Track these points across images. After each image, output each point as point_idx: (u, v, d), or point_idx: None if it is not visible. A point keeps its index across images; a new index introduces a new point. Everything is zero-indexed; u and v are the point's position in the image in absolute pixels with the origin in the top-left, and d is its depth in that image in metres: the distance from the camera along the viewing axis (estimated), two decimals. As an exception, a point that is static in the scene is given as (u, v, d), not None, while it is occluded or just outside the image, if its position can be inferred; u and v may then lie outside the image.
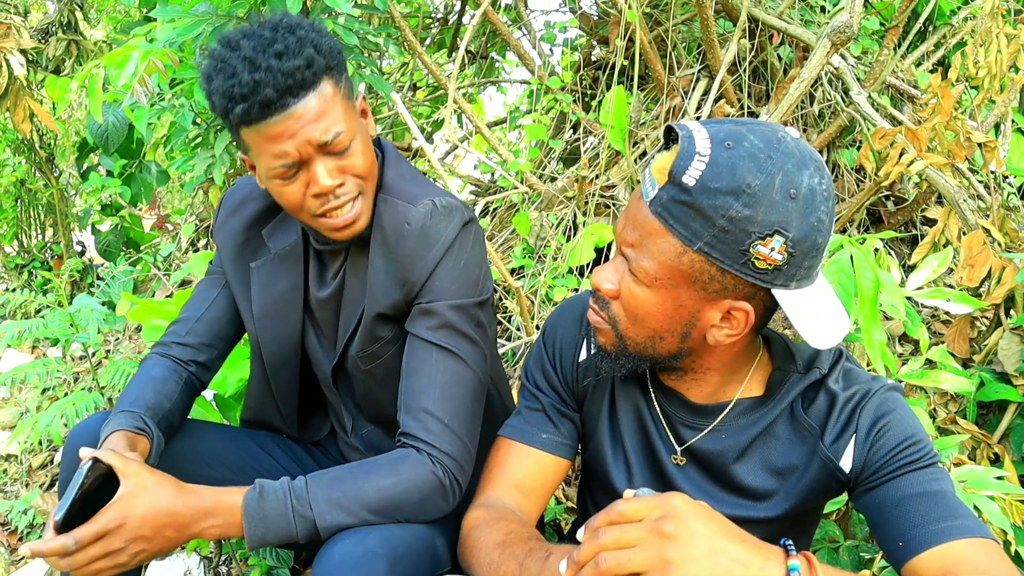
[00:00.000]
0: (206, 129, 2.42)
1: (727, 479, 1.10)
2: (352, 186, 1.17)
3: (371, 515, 1.11)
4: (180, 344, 1.38)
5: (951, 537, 0.92)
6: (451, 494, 1.18)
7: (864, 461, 1.02)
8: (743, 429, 1.08)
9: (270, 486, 1.10)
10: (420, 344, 1.21)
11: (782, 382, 1.07)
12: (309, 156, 1.13)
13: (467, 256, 1.22)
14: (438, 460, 1.16)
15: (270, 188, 1.19)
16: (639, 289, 0.97)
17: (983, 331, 2.08)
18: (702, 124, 0.93)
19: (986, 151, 1.95)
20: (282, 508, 1.08)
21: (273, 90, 1.07)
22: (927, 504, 0.96)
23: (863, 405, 1.03)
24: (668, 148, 0.95)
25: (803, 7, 2.64)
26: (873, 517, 1.01)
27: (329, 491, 1.10)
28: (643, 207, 0.93)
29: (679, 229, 0.90)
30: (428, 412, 1.17)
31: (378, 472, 1.14)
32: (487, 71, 3.50)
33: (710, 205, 0.88)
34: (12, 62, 2.81)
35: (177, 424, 1.34)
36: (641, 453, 1.15)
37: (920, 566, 0.92)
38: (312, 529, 1.09)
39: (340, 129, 1.13)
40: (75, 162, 3.72)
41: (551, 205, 2.53)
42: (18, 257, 4.15)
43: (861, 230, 2.56)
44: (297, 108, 1.09)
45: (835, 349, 1.09)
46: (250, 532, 1.07)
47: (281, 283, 1.36)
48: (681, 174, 0.88)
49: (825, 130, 2.50)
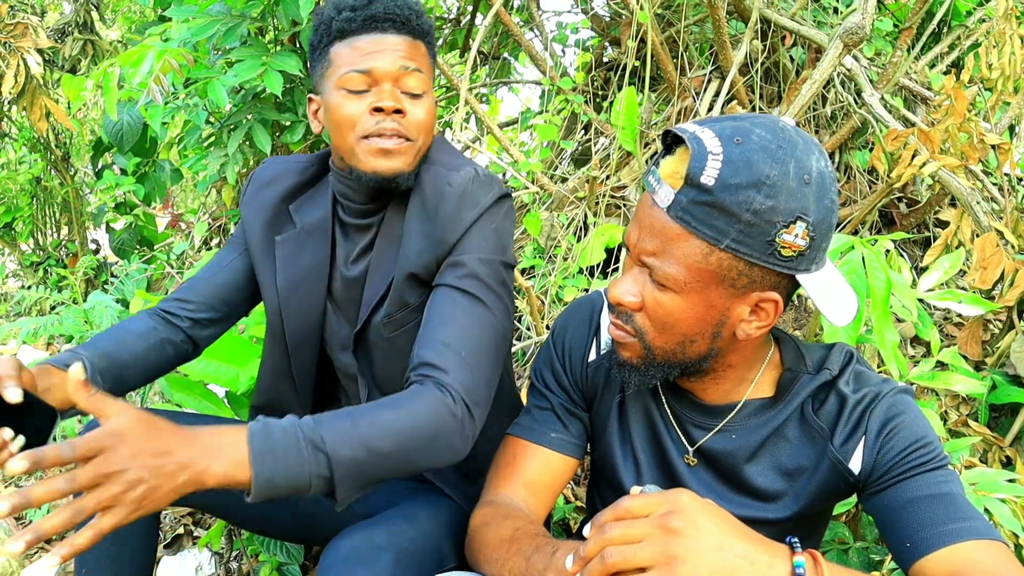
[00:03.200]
0: (219, 128, 2.44)
1: (737, 480, 1.09)
2: (408, 125, 1.21)
3: (383, 451, 1.00)
4: (178, 300, 1.38)
5: (960, 539, 0.91)
6: (465, 430, 1.08)
7: (873, 463, 1.01)
8: (753, 430, 1.08)
9: (275, 421, 0.97)
10: (445, 291, 1.19)
11: (792, 383, 1.07)
12: (384, 78, 1.19)
13: (499, 222, 1.24)
14: (451, 390, 1.07)
15: (331, 103, 1.22)
16: (666, 296, 0.96)
17: (996, 334, 2.07)
18: (701, 124, 0.93)
19: (1000, 153, 1.94)
20: (291, 439, 0.94)
21: (383, 10, 1.18)
22: (936, 506, 0.95)
23: (873, 407, 1.03)
24: (670, 153, 0.95)
25: (816, 8, 2.63)
26: (882, 519, 1.01)
27: (339, 423, 1.00)
28: (659, 214, 0.93)
29: (703, 230, 0.90)
30: (445, 343, 1.11)
31: (388, 406, 1.05)
32: (499, 72, 3.51)
33: (733, 201, 0.88)
34: (29, 61, 2.84)
35: (130, 380, 1.30)
36: (651, 453, 1.15)
37: (928, 567, 0.92)
38: (326, 467, 0.95)
39: (422, 76, 1.21)
40: (90, 160, 3.75)
41: (562, 205, 2.53)
42: (34, 255, 4.18)
43: (873, 232, 2.55)
44: (393, 38, 1.19)
45: (846, 351, 1.09)
46: (257, 469, 0.91)
47: (306, 258, 1.35)
48: (699, 175, 0.88)
49: (837, 132, 2.49)
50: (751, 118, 0.93)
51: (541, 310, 2.28)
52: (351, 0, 1.19)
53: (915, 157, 1.90)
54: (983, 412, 1.85)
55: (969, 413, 1.88)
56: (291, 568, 1.82)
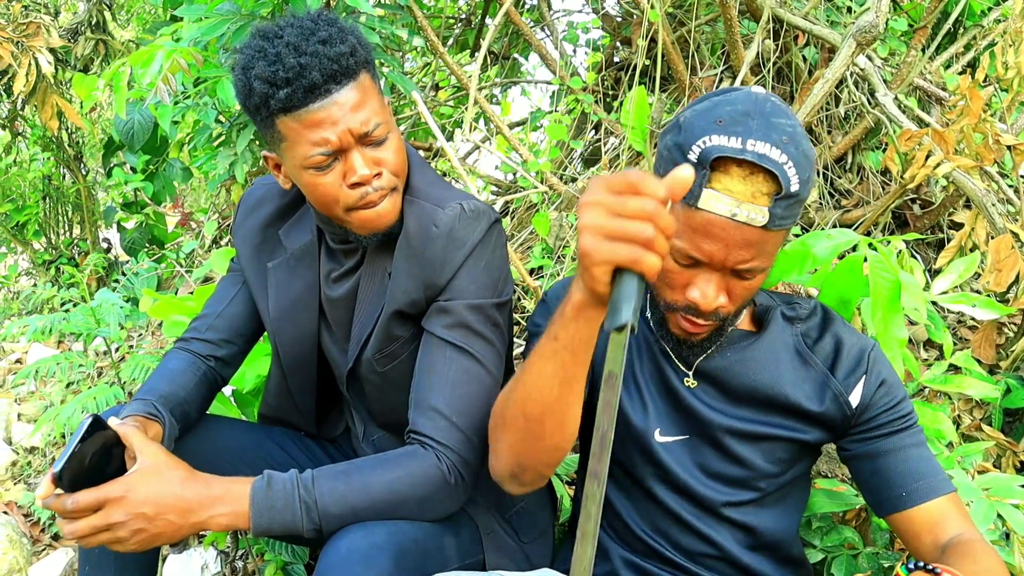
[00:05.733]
0: (229, 127, 2.44)
1: (738, 392, 1.19)
2: (388, 179, 1.17)
3: (375, 510, 1.10)
4: (200, 339, 1.39)
5: (939, 493, 1.12)
6: (456, 492, 1.17)
7: (869, 403, 1.16)
8: (746, 348, 1.19)
9: (278, 477, 1.10)
10: (434, 342, 1.21)
11: (767, 313, 1.21)
12: (348, 145, 1.12)
13: (488, 257, 1.22)
14: (444, 457, 1.15)
15: (302, 181, 1.17)
16: (755, 281, 1.07)
17: (1010, 337, 2.04)
18: (744, 138, 0.98)
19: (1015, 154, 1.91)
20: (289, 499, 1.08)
21: (319, 74, 1.07)
22: (919, 461, 1.14)
23: (872, 352, 1.18)
24: (714, 171, 0.99)
25: (829, 7, 2.60)
26: (866, 467, 1.17)
27: (335, 484, 1.10)
28: (755, 232, 1.00)
29: (789, 222, 1.02)
30: (437, 410, 1.16)
31: (384, 467, 1.13)
32: (510, 71, 3.50)
33: (808, 189, 1.01)
34: (40, 60, 2.86)
35: (194, 415, 1.35)
36: (655, 381, 1.22)
37: (916, 516, 1.12)
38: (316, 522, 1.09)
39: (379, 120, 1.14)
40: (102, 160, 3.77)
41: (571, 205, 2.52)
42: (46, 253, 4.21)
43: (886, 233, 2.52)
44: (340, 95, 1.10)
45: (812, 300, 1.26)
46: (256, 522, 1.06)
47: (297, 284, 1.36)
48: (789, 186, 0.97)
49: (851, 132, 2.47)
50: (756, 104, 1.01)
51: (549, 311, 2.27)
52: (282, 73, 1.07)
53: (929, 158, 1.87)
54: (997, 416, 1.82)
55: (983, 417, 1.86)
56: (296, 568, 1.81)
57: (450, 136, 3.34)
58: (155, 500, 1.02)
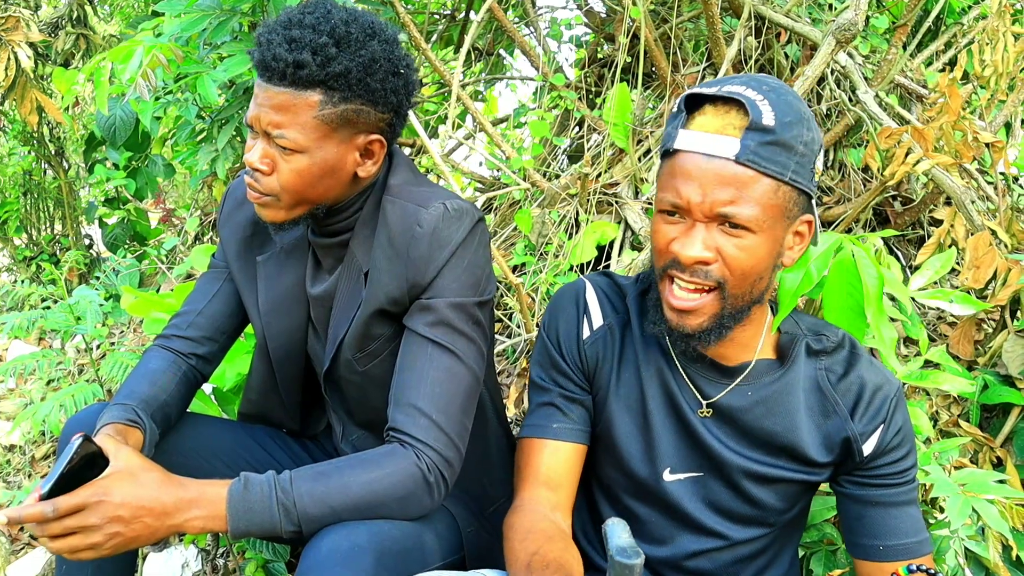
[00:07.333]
0: (210, 123, 2.43)
1: (753, 434, 1.17)
2: (266, 184, 1.17)
3: (355, 510, 1.10)
4: (181, 337, 1.38)
5: (916, 555, 1.15)
6: (436, 491, 1.16)
7: (880, 452, 1.15)
8: (767, 386, 1.17)
9: (256, 478, 1.09)
10: (415, 339, 1.21)
11: (791, 343, 1.19)
12: (259, 130, 1.15)
13: (471, 256, 1.22)
14: (424, 456, 1.14)
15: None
16: (746, 240, 1.02)
17: (988, 333, 2.06)
18: (723, 81, 1.03)
19: (994, 151, 1.92)
20: (267, 501, 1.07)
21: (271, 57, 1.10)
22: (906, 519, 1.16)
23: (893, 400, 1.16)
24: (690, 114, 1.03)
25: (811, 5, 2.61)
26: (853, 510, 1.18)
27: (313, 485, 1.10)
28: (726, 164, 0.99)
29: (771, 168, 0.99)
30: (417, 407, 1.16)
31: (363, 466, 1.13)
32: (494, 68, 3.49)
33: (791, 136, 0.99)
34: (20, 54, 2.83)
35: (174, 416, 1.34)
36: (664, 408, 1.20)
37: (885, 570, 1.14)
38: (296, 523, 1.08)
39: (293, 136, 1.13)
40: (83, 155, 3.73)
41: (553, 202, 2.52)
42: (27, 250, 4.17)
43: (867, 230, 2.53)
44: (272, 90, 1.12)
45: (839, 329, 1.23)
46: (234, 524, 1.06)
47: (287, 277, 1.35)
48: (761, 119, 0.98)
49: (832, 129, 2.48)
50: (745, 76, 1.05)
51: (531, 307, 2.27)
52: (266, 34, 1.13)
53: (909, 155, 1.88)
54: (974, 412, 1.84)
55: (960, 413, 1.87)
56: (277, 566, 1.81)
57: (434, 133, 3.32)
58: (131, 503, 1.01)
